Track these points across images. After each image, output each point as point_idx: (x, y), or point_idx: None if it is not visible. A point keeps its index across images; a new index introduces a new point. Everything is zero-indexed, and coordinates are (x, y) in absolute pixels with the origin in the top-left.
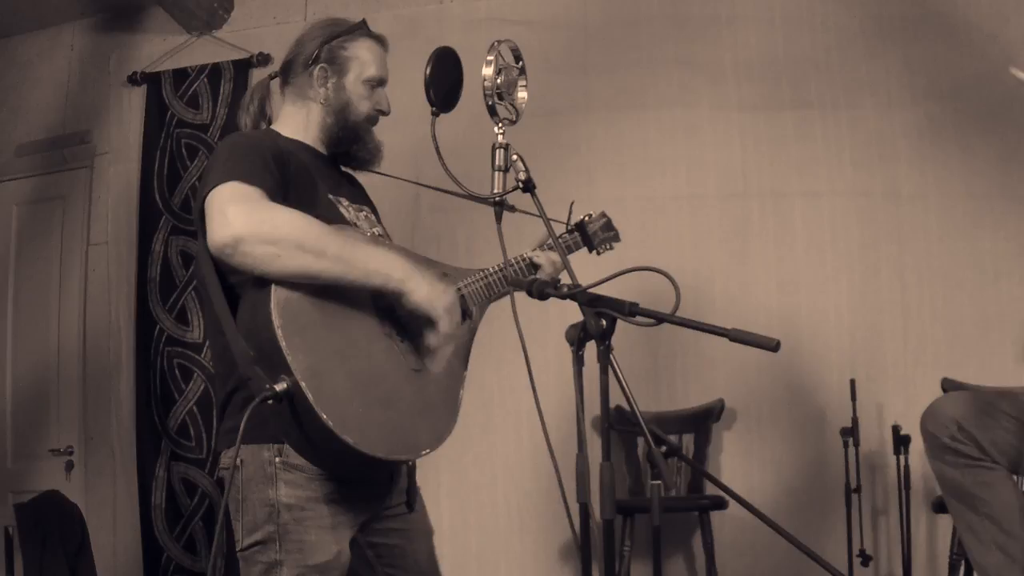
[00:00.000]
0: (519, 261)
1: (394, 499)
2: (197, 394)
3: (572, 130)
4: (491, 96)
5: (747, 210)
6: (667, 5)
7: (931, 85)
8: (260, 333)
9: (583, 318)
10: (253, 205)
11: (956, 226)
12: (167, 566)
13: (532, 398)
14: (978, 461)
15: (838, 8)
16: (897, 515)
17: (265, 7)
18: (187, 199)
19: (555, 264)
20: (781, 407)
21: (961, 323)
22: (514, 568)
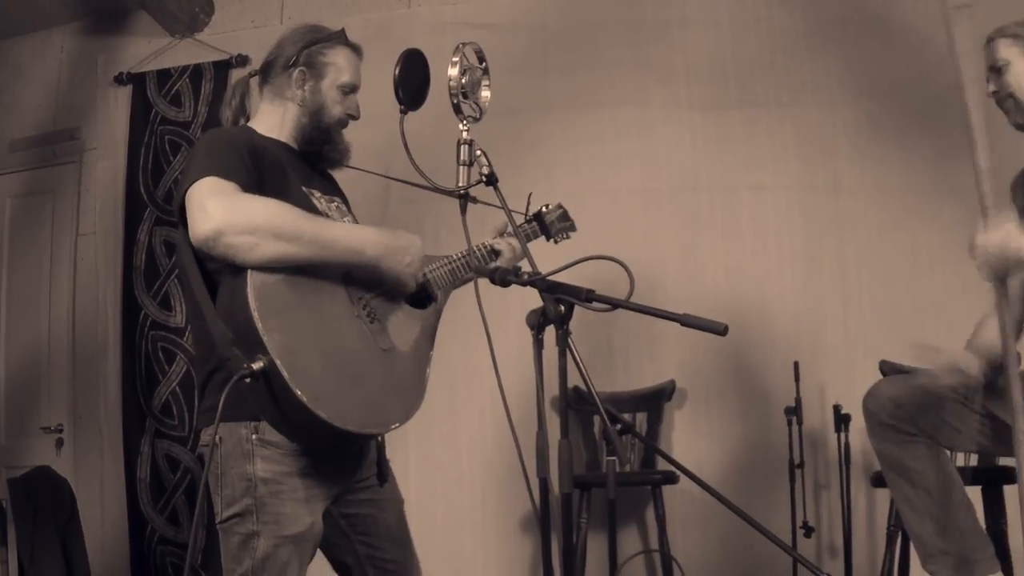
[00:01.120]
0: (481, 248)
1: (365, 472)
2: (179, 375)
3: (532, 127)
4: (456, 95)
5: (697, 203)
6: (622, 10)
7: (870, 84)
8: (237, 316)
9: (543, 304)
10: (230, 198)
11: (894, 218)
12: (151, 537)
13: (495, 379)
14: (914, 437)
15: (782, 12)
16: (838, 489)
17: (243, 11)
18: (170, 192)
19: (515, 251)
20: (729, 387)
21: (898, 309)
22: (478, 538)
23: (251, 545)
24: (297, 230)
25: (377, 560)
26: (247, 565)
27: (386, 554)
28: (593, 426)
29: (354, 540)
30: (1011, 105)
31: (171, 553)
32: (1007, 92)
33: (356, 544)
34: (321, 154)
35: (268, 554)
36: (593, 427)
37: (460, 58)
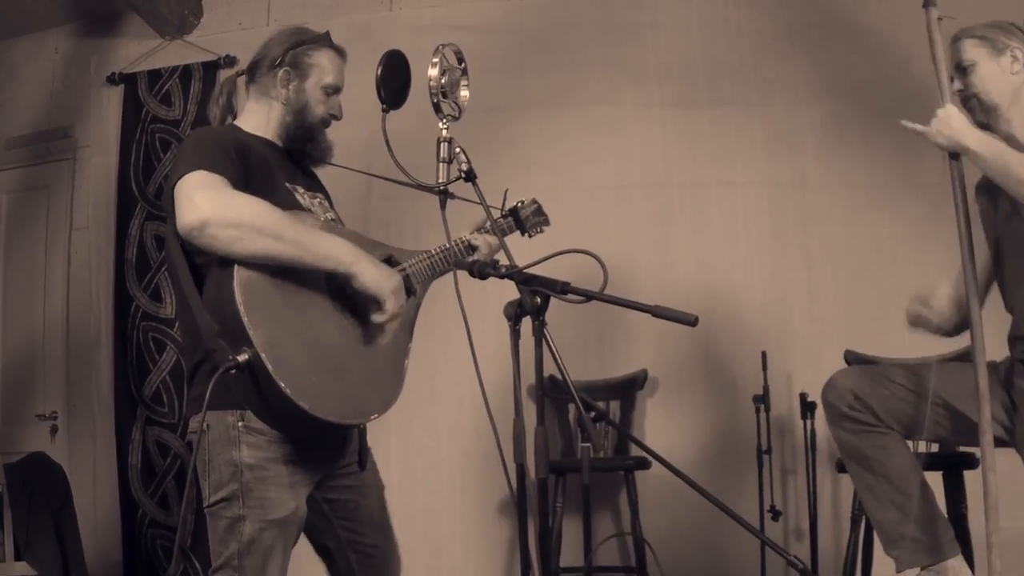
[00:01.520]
0: (459, 243)
1: (347, 459)
2: (169, 365)
3: (509, 126)
4: (436, 95)
5: (668, 198)
6: (595, 12)
7: (835, 84)
8: (224, 309)
9: (520, 296)
10: (218, 192)
11: (858, 212)
12: (142, 520)
13: (473, 368)
14: (873, 427)
15: (750, 15)
16: (804, 474)
17: (231, 14)
18: (161, 188)
19: (491, 245)
20: (699, 376)
21: (862, 301)
22: (457, 522)
23: (237, 528)
24: (280, 230)
25: (358, 544)
26: (233, 548)
27: (367, 538)
28: (568, 414)
29: (336, 524)
30: (975, 104)
31: (161, 536)
32: (972, 92)
33: (338, 528)
34: (304, 152)
35: (254, 537)
36: (568, 415)
37: (440, 59)
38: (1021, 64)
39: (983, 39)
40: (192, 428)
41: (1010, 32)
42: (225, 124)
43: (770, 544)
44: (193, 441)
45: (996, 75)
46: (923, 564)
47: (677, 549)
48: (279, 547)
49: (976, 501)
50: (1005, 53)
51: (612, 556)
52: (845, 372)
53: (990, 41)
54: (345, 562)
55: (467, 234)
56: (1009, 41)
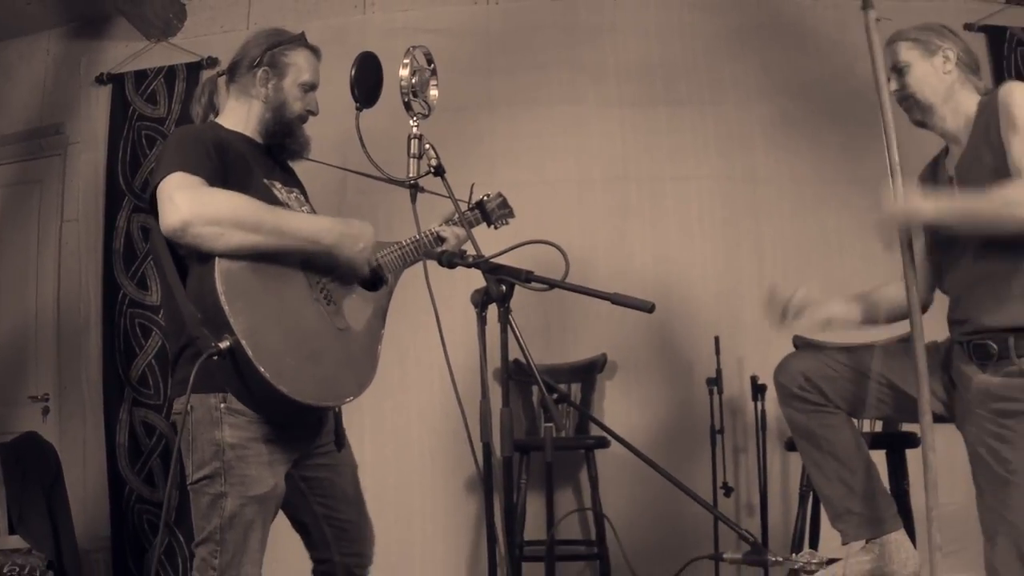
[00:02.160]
0: (428, 235)
1: (323, 439)
2: (155, 349)
3: (476, 123)
4: (407, 94)
5: (626, 192)
6: (558, 16)
7: (784, 84)
8: (206, 298)
9: (486, 284)
10: (196, 191)
11: (806, 206)
12: (129, 496)
13: (442, 352)
14: (822, 407)
15: (704, 18)
16: (755, 453)
17: (213, 17)
18: (147, 182)
19: (459, 237)
20: (655, 360)
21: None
22: (427, 499)
23: (219, 505)
24: (258, 221)
25: (332, 519)
26: (216, 523)
27: (341, 514)
28: (532, 395)
29: (312, 501)
30: (912, 104)
31: (147, 511)
32: (908, 92)
33: (314, 504)
34: (283, 146)
35: (235, 513)
36: (532, 396)
37: (411, 60)
38: (952, 64)
39: (916, 41)
40: (176, 409)
41: (942, 34)
42: (206, 122)
43: (723, 519)
44: (177, 422)
45: (930, 75)
46: (867, 537)
47: (635, 523)
48: (259, 522)
49: (917, 478)
50: (937, 54)
51: (573, 530)
52: (796, 355)
53: (923, 43)
54: (320, 536)
55: (436, 226)
56: (941, 42)
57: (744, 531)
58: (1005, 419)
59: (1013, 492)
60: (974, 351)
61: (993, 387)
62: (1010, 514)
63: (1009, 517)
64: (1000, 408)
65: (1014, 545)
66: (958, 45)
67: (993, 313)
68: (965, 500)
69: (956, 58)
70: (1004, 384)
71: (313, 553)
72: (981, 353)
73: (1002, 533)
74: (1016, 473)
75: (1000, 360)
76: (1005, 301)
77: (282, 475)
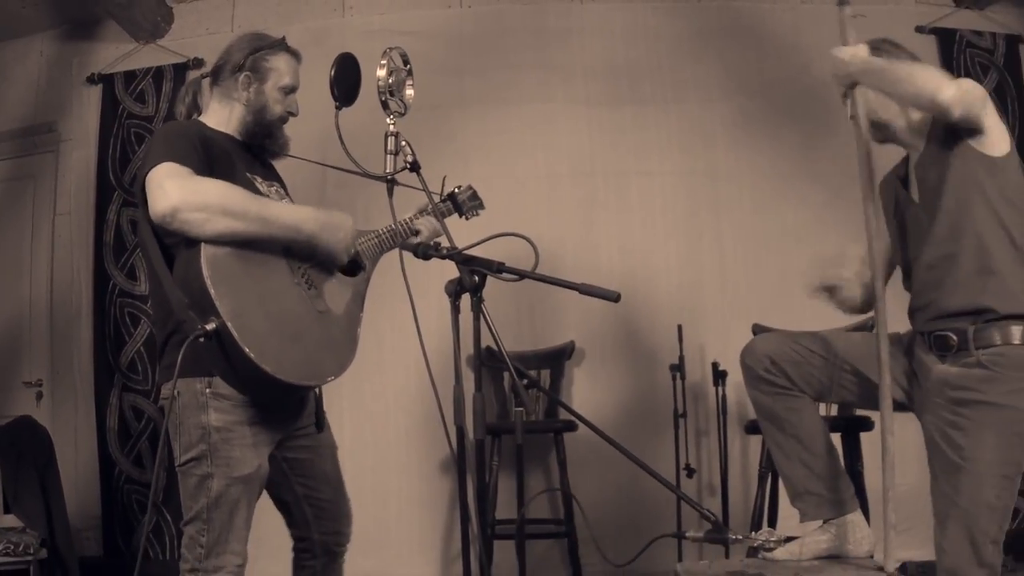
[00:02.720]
0: (404, 224)
1: (304, 421)
2: (143, 337)
3: (450, 121)
4: (384, 93)
5: (593, 187)
6: (527, 19)
7: (743, 84)
8: (192, 283)
9: (459, 275)
10: (186, 180)
11: (764, 200)
12: (119, 477)
13: (418, 339)
14: (787, 390)
15: (667, 21)
16: (716, 436)
17: (199, 20)
18: (136, 177)
19: (433, 228)
20: (621, 347)
21: (768, 280)
22: (403, 479)
23: (206, 485)
24: (244, 208)
25: (313, 498)
26: (203, 502)
27: (321, 493)
28: (503, 381)
29: (293, 481)
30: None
31: (136, 491)
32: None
33: (295, 484)
34: (263, 147)
35: (221, 493)
36: (503, 382)
37: (387, 61)
38: None
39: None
40: (164, 394)
41: (885, 51)
42: (191, 119)
43: (685, 499)
44: (165, 406)
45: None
46: (826, 517)
47: (601, 503)
48: (244, 501)
49: (871, 460)
50: None
51: (543, 509)
52: (763, 338)
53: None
54: (301, 514)
55: (409, 216)
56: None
57: (706, 510)
58: (961, 408)
59: (964, 478)
60: (934, 342)
61: (951, 377)
62: (961, 499)
63: (960, 502)
64: (956, 397)
65: (964, 529)
66: (900, 57)
67: (951, 295)
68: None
69: None
70: (961, 374)
71: (294, 531)
72: (941, 344)
73: (952, 517)
74: (969, 460)
75: (959, 351)
76: (961, 282)
77: (266, 456)
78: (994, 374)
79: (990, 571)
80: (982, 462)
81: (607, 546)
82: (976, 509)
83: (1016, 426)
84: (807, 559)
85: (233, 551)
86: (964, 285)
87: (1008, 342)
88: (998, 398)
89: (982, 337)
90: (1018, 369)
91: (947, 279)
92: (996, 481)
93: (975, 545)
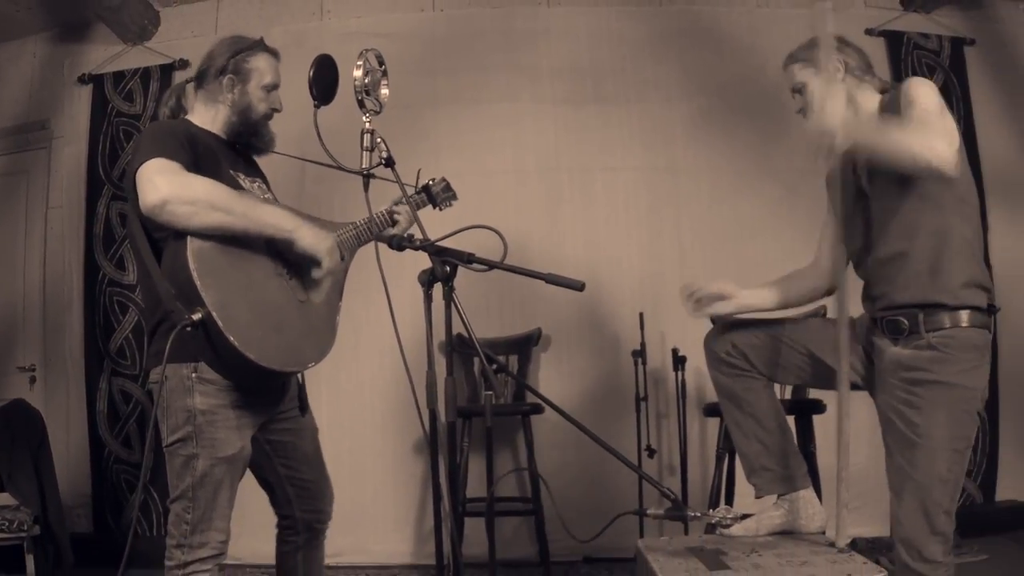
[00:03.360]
0: (383, 214)
1: (287, 405)
2: (132, 324)
3: (423, 119)
4: (360, 92)
5: (559, 181)
6: (496, 22)
7: (702, 84)
8: (179, 275)
9: (432, 265)
10: (175, 175)
11: (722, 195)
12: (108, 458)
13: (392, 328)
14: (746, 372)
15: (630, 24)
16: (675, 418)
17: (184, 23)
18: (124, 172)
19: (410, 217)
20: (585, 334)
21: (725, 270)
22: (378, 460)
23: (192, 465)
24: (229, 204)
25: (294, 478)
26: (188, 481)
27: (302, 474)
28: (473, 366)
29: (276, 462)
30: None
31: (124, 471)
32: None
33: (278, 465)
34: (249, 144)
35: (206, 472)
36: (473, 367)
37: (364, 62)
38: (843, 72)
39: (807, 61)
40: (152, 379)
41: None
42: (179, 119)
43: (646, 478)
44: (153, 390)
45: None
46: (779, 492)
47: (567, 482)
48: (228, 481)
49: (823, 441)
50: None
51: (511, 488)
52: (725, 324)
53: (813, 61)
54: (284, 494)
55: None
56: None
57: (666, 489)
58: (914, 387)
59: (919, 453)
60: (887, 326)
61: (904, 358)
62: (916, 473)
63: (915, 476)
64: (910, 377)
65: (918, 500)
66: (845, 53)
67: (903, 290)
68: (867, 462)
69: (846, 67)
70: (913, 356)
71: (277, 510)
72: (894, 328)
73: (908, 490)
74: (922, 436)
75: (911, 335)
76: (913, 279)
77: (248, 438)
78: (944, 355)
79: (943, 539)
80: (935, 438)
81: (572, 523)
82: (930, 482)
83: (966, 404)
84: (762, 535)
85: (217, 528)
86: (916, 282)
87: (957, 325)
88: (949, 377)
89: (932, 321)
90: (967, 350)
91: (899, 276)
92: (948, 455)
93: (929, 516)
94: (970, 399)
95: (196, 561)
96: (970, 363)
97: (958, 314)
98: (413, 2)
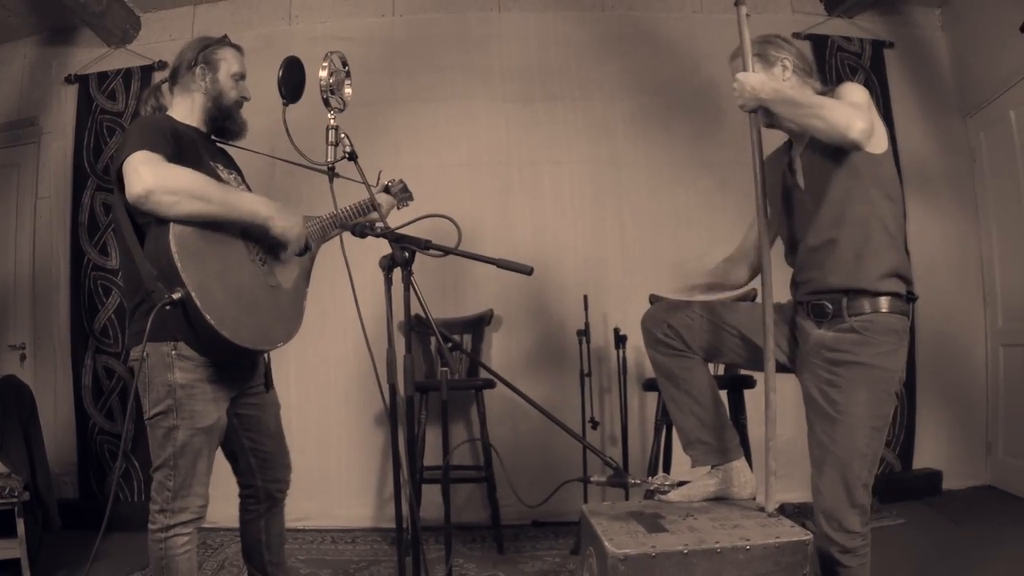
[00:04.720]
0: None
1: (255, 381)
2: (114, 306)
3: (384, 117)
4: (326, 92)
5: (509, 174)
6: (452, 27)
7: (642, 83)
8: (161, 258)
9: (392, 251)
10: (159, 166)
11: (660, 186)
12: (93, 429)
13: (355, 308)
14: (681, 352)
15: (575, 28)
16: (617, 393)
17: (164, 28)
18: (107, 166)
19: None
20: (534, 315)
21: (663, 255)
22: (342, 431)
23: (172, 436)
24: (209, 193)
25: (257, 451)
26: (169, 451)
27: (264, 446)
28: (430, 344)
29: (241, 434)
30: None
31: (108, 441)
32: None
33: (243, 437)
34: (224, 128)
35: (186, 442)
36: (430, 345)
37: (329, 63)
38: (790, 71)
39: (757, 56)
40: (133, 356)
41: (777, 45)
42: (163, 114)
43: (590, 447)
44: (134, 366)
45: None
46: (713, 463)
47: (516, 451)
48: (206, 450)
49: (753, 414)
50: (776, 64)
51: (465, 457)
52: (661, 306)
53: (762, 56)
54: (246, 464)
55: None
56: (778, 53)
57: (608, 458)
58: (836, 367)
59: (839, 429)
60: (812, 310)
61: (827, 340)
62: (836, 447)
63: (835, 450)
64: (832, 358)
65: (839, 474)
66: (792, 53)
67: (830, 275)
68: (793, 434)
69: (793, 65)
70: (836, 338)
71: (240, 479)
72: (819, 312)
73: (829, 464)
74: (843, 413)
75: (834, 318)
76: (840, 266)
77: (224, 410)
78: (865, 338)
79: (861, 511)
80: (855, 415)
81: (521, 489)
82: (849, 456)
83: (884, 384)
84: (697, 501)
85: (196, 494)
86: (842, 268)
87: (877, 310)
88: (869, 359)
89: (854, 306)
90: (885, 334)
91: (827, 261)
92: (867, 432)
93: (848, 488)
94: (888, 380)
95: (177, 525)
96: (889, 346)
97: (878, 300)
98: (375, 8)
